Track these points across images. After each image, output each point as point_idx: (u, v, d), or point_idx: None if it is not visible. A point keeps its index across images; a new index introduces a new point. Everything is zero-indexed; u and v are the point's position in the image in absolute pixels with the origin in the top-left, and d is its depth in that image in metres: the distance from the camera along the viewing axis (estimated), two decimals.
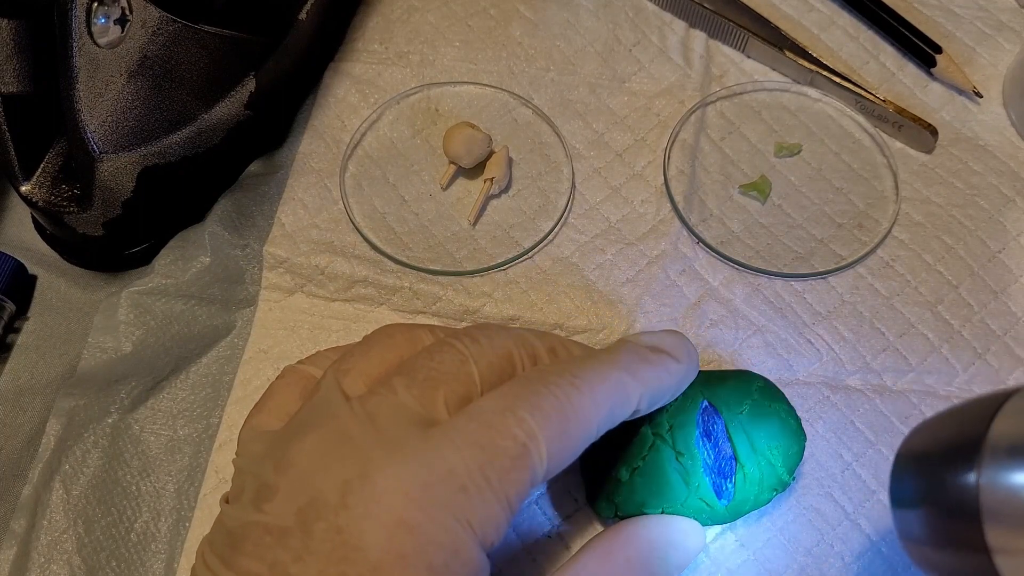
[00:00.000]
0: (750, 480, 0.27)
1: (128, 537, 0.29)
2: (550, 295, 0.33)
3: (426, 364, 0.23)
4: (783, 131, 0.37)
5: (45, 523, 0.29)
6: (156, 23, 0.30)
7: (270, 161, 0.36)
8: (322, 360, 0.26)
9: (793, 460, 0.27)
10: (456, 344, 0.23)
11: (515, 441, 0.21)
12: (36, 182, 0.32)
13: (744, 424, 0.27)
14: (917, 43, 0.37)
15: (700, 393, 0.27)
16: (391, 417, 0.22)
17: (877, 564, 0.29)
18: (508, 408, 0.22)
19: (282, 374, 0.26)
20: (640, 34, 0.39)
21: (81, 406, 0.31)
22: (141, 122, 0.31)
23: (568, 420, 0.22)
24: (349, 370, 0.24)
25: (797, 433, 0.28)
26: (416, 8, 0.40)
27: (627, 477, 0.27)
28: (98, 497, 0.30)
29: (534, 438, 0.21)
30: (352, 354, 0.25)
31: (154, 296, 0.33)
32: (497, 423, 0.21)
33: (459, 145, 0.34)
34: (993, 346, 0.32)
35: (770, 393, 0.28)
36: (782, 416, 0.28)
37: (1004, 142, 0.36)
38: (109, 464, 0.30)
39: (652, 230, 0.34)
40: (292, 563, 0.20)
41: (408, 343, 0.25)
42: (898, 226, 0.34)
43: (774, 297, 0.33)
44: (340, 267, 0.34)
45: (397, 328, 0.26)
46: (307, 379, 0.25)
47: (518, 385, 0.23)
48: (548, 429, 0.22)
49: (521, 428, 0.21)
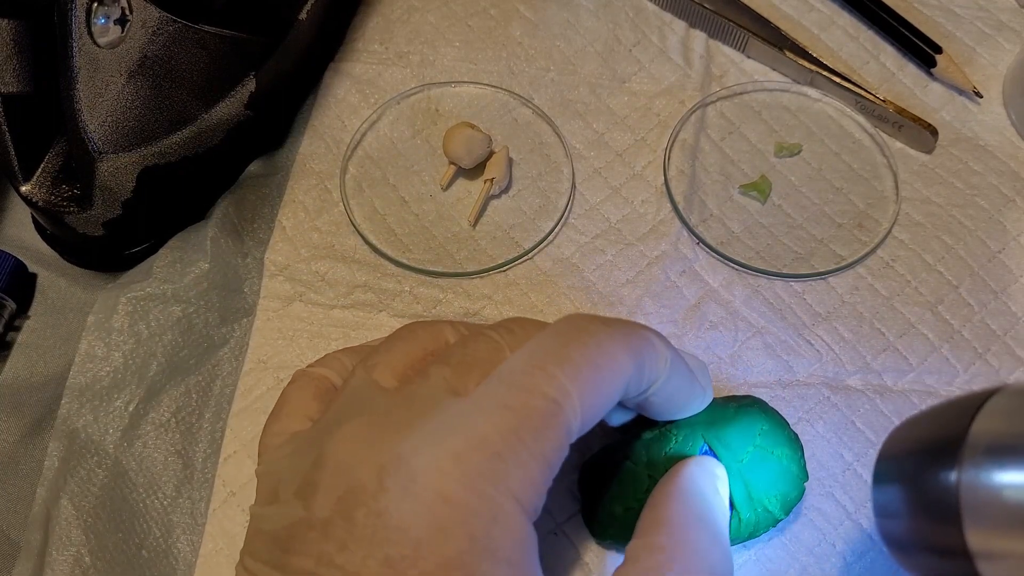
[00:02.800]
0: (744, 524, 0.27)
1: (139, 553, 0.29)
2: (550, 296, 0.33)
3: (460, 351, 0.23)
4: (783, 131, 0.37)
5: (57, 539, 0.29)
6: (156, 23, 0.30)
7: (270, 162, 0.36)
8: (332, 362, 0.26)
9: (791, 504, 0.27)
10: (491, 334, 0.23)
11: (546, 399, 0.21)
12: (36, 182, 0.32)
13: (744, 472, 0.27)
14: (917, 43, 0.37)
15: (701, 436, 0.27)
16: (425, 398, 0.21)
17: (879, 564, 0.29)
18: (536, 366, 0.21)
19: (293, 379, 0.26)
20: (640, 34, 0.39)
21: (80, 428, 0.30)
22: (141, 122, 0.31)
23: (601, 369, 0.22)
24: (376, 364, 0.24)
25: (798, 478, 0.27)
26: (416, 8, 0.40)
27: (621, 513, 0.27)
28: (107, 514, 0.29)
29: (566, 393, 0.21)
30: (377, 351, 0.24)
31: (152, 302, 0.32)
32: (526, 383, 0.21)
33: (459, 145, 0.34)
34: (993, 346, 0.32)
35: (773, 438, 0.27)
36: (784, 463, 0.27)
37: (1004, 142, 0.36)
38: (114, 483, 0.30)
39: (652, 230, 0.34)
40: (337, 553, 0.20)
41: (432, 338, 0.24)
42: (898, 226, 0.34)
43: (774, 298, 0.33)
44: (340, 272, 0.34)
45: (419, 325, 0.25)
46: (320, 380, 0.25)
47: (547, 337, 0.22)
48: (580, 381, 0.21)
49: (551, 385, 0.21)
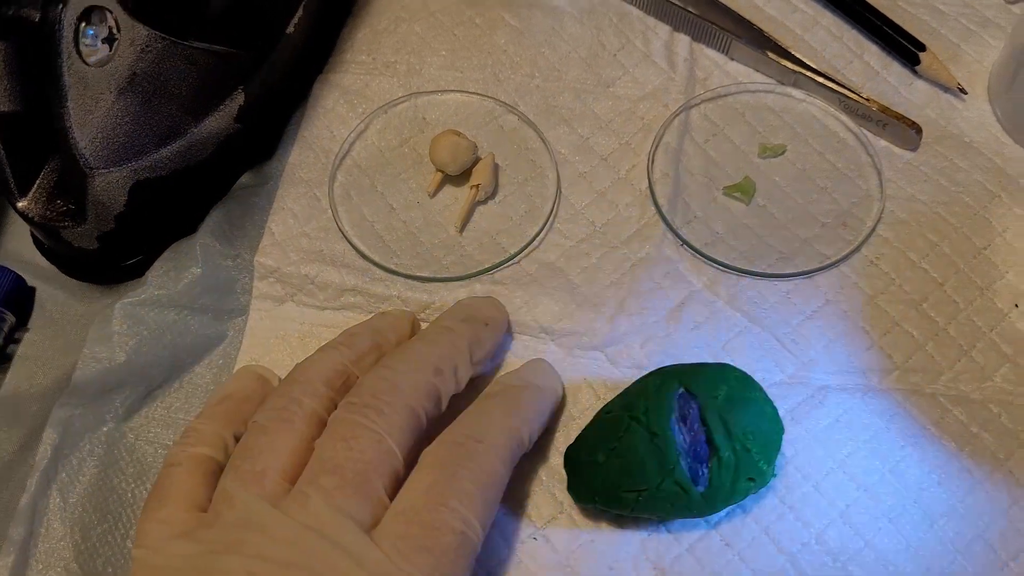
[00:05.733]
0: (725, 466, 0.27)
1: (124, 544, 0.30)
2: (536, 299, 0.33)
3: (347, 456, 0.24)
4: (767, 132, 0.37)
5: (43, 531, 0.30)
6: (144, 41, 0.31)
7: (260, 172, 0.37)
8: (209, 438, 0.27)
9: (770, 449, 0.28)
10: (366, 423, 0.25)
11: (454, 533, 0.24)
12: (32, 198, 0.33)
13: (720, 409, 0.27)
14: (901, 41, 0.37)
15: (677, 380, 0.28)
16: (339, 528, 0.23)
17: (868, 562, 0.29)
18: (439, 503, 0.24)
19: (175, 461, 0.27)
20: (624, 39, 0.39)
21: (76, 416, 0.31)
22: (131, 138, 0.32)
23: (487, 487, 0.25)
24: (264, 471, 0.25)
25: (774, 421, 0.28)
26: (403, 19, 0.40)
27: (603, 459, 0.27)
28: (94, 504, 0.30)
29: (468, 523, 0.24)
30: (252, 449, 0.25)
31: (147, 307, 0.33)
32: (435, 521, 0.24)
33: (445, 153, 0.35)
34: (979, 343, 0.32)
35: (747, 382, 0.28)
36: (759, 404, 0.28)
37: (989, 138, 0.36)
38: (105, 472, 0.31)
39: (636, 233, 0.35)
40: None
41: (261, 391, 0.29)
42: (882, 224, 0.34)
43: (758, 298, 0.33)
44: (330, 276, 0.34)
45: (300, 374, 0.28)
46: (204, 463, 0.26)
47: (437, 471, 0.25)
48: (476, 505, 0.24)
49: (455, 517, 0.24)
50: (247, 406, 0.29)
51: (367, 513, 0.24)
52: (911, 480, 0.30)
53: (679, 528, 0.29)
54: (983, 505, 0.29)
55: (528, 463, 0.30)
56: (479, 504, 0.25)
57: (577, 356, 0.32)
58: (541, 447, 0.31)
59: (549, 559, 0.29)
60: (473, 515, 0.24)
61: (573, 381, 0.32)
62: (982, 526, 0.29)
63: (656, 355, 0.32)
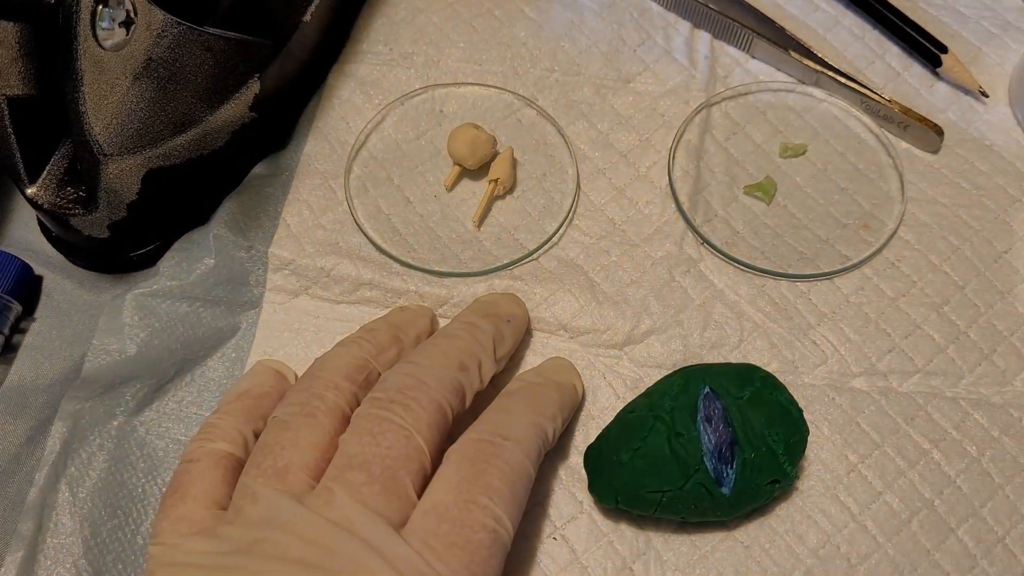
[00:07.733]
0: (750, 466, 0.27)
1: (135, 540, 0.29)
2: (555, 296, 0.33)
3: (374, 452, 0.24)
4: (788, 131, 0.36)
5: (52, 526, 0.29)
6: (161, 26, 0.30)
7: (275, 163, 0.36)
8: (228, 433, 0.27)
9: (795, 449, 0.27)
10: (393, 418, 0.24)
11: (486, 530, 0.23)
12: (41, 184, 0.32)
13: (745, 410, 0.27)
14: (923, 43, 0.37)
15: (703, 379, 0.28)
16: (367, 525, 0.22)
17: (883, 566, 0.28)
18: (469, 500, 0.24)
19: (194, 456, 0.26)
20: (645, 35, 0.39)
21: (86, 408, 0.31)
22: (146, 124, 0.31)
23: (516, 484, 0.25)
24: (287, 467, 0.24)
25: (799, 422, 0.28)
26: (421, 9, 0.40)
27: (627, 458, 0.27)
28: (104, 500, 0.30)
29: (500, 520, 0.24)
30: (274, 445, 0.25)
31: (159, 298, 0.33)
32: (466, 519, 0.23)
33: (463, 146, 0.34)
34: (1000, 347, 0.32)
35: (773, 383, 0.28)
36: (784, 405, 0.28)
37: (1010, 142, 0.36)
38: (115, 467, 0.30)
39: (657, 231, 0.34)
40: None
41: (279, 387, 0.28)
42: (904, 226, 0.34)
43: (779, 298, 0.33)
44: (345, 269, 0.34)
45: (320, 369, 0.28)
46: (224, 459, 0.26)
47: (466, 468, 0.24)
48: (506, 502, 0.24)
49: (486, 515, 0.24)
50: (266, 402, 0.28)
51: (396, 510, 0.23)
52: (931, 484, 0.30)
53: (699, 530, 0.29)
54: (1004, 509, 0.29)
55: (547, 462, 0.30)
56: (509, 501, 0.24)
57: (597, 354, 0.32)
58: (560, 446, 0.30)
59: (567, 559, 0.29)
60: (504, 512, 0.24)
61: (592, 379, 0.32)
62: (1003, 531, 0.29)
63: (676, 354, 0.32)
